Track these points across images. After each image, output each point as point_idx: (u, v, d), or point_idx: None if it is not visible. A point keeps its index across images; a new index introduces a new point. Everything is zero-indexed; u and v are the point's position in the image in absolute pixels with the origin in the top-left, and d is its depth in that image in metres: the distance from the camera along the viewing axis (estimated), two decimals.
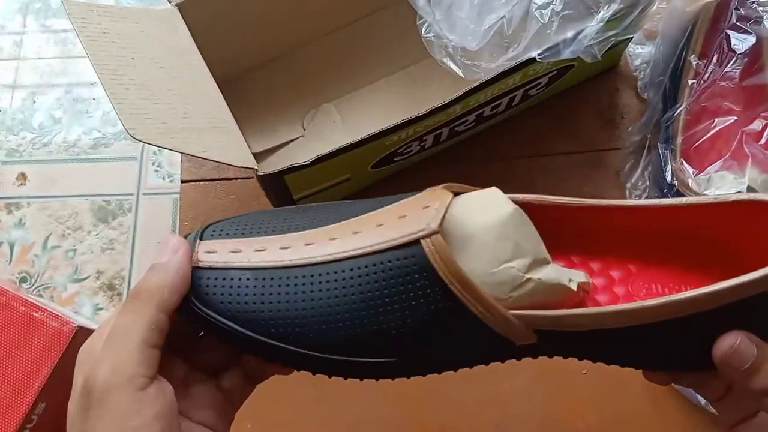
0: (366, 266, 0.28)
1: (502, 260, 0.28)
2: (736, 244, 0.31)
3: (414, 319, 0.28)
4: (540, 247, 0.29)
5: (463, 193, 0.31)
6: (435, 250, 0.27)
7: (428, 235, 0.27)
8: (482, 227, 0.29)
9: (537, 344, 0.29)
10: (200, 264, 0.30)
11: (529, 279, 0.28)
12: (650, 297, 0.31)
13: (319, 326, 0.28)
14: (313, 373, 0.30)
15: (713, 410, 0.45)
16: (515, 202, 0.30)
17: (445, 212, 0.28)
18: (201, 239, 0.31)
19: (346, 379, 0.31)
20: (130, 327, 0.28)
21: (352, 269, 0.28)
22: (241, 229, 0.31)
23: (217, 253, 0.30)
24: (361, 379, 0.30)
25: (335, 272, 0.29)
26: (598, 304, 0.32)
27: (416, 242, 0.27)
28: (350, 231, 0.30)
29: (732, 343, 0.27)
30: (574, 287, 0.29)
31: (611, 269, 0.33)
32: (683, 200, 0.31)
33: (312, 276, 0.29)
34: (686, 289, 0.31)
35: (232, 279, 0.29)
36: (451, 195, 0.30)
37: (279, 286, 0.29)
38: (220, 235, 0.31)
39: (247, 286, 0.29)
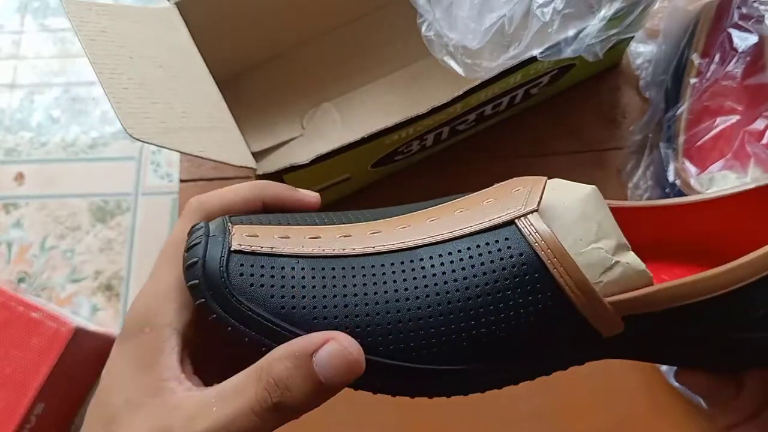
0: (450, 252, 0.25)
1: (588, 241, 0.26)
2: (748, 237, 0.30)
3: (509, 312, 0.24)
4: (619, 231, 0.27)
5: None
6: (534, 229, 0.25)
7: (524, 215, 0.25)
8: (564, 208, 0.26)
9: (624, 334, 0.26)
10: (241, 248, 0.24)
11: (617, 262, 0.26)
12: None
13: (397, 325, 0.24)
14: (393, 395, 0.25)
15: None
16: None
17: (542, 193, 0.26)
18: (232, 222, 0.25)
19: (430, 397, 0.25)
20: (162, 269, 0.26)
21: (431, 257, 0.25)
22: (278, 219, 0.26)
23: (260, 237, 0.24)
24: (446, 395, 0.26)
25: (412, 261, 0.25)
26: None
27: (510, 222, 0.25)
28: (425, 218, 0.26)
29: None
30: (649, 275, 0.27)
31: (663, 274, 0.32)
32: (689, 198, 0.30)
33: (385, 266, 0.24)
34: None
35: (283, 268, 0.24)
36: (545, 179, 0.27)
37: (344, 277, 0.24)
38: (255, 222, 0.26)
39: (303, 277, 0.24)
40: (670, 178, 0.48)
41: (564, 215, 0.26)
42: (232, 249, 0.24)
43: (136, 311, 0.25)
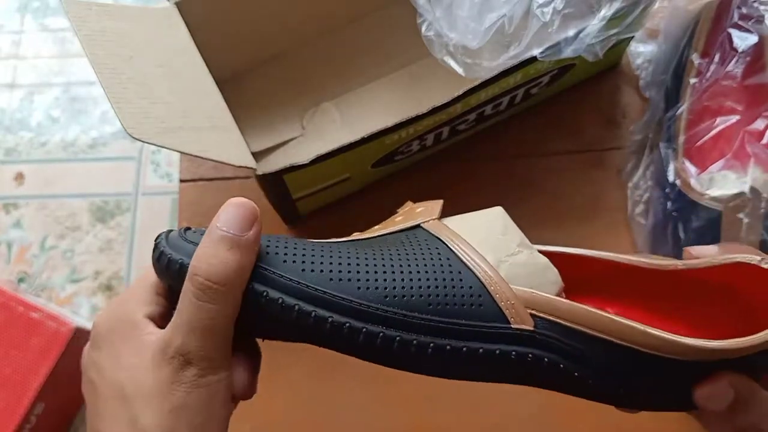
0: (383, 236, 0.32)
1: (495, 234, 0.31)
2: (728, 300, 0.32)
3: (422, 271, 0.29)
4: (524, 237, 0.31)
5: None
6: (432, 224, 0.32)
7: (426, 221, 0.32)
8: (472, 217, 0.32)
9: (533, 333, 0.28)
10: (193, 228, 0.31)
11: (520, 251, 0.30)
12: None
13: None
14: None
15: None
16: None
17: (440, 211, 0.33)
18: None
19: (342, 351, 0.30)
20: (136, 285, 0.29)
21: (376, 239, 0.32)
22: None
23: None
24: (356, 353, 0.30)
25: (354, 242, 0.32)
26: None
27: (417, 226, 0.32)
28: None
29: (710, 389, 0.28)
30: (559, 277, 0.30)
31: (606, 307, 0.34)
32: (674, 263, 0.32)
33: (374, 248, 0.31)
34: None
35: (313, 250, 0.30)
36: (441, 202, 0.34)
37: (348, 254, 0.30)
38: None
39: (322, 255, 0.30)
40: (670, 178, 0.47)
41: (473, 221, 0.32)
42: (186, 227, 0.31)
43: (109, 313, 0.29)
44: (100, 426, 0.27)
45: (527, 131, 0.55)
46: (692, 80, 0.49)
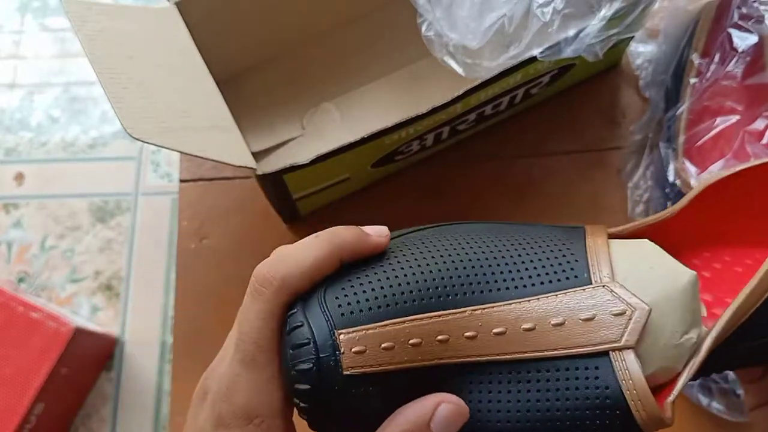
0: (549, 370, 0.25)
1: (682, 332, 0.25)
2: None
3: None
4: (700, 312, 0.27)
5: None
6: (626, 367, 0.25)
7: (620, 349, 0.25)
8: (662, 298, 0.26)
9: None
10: (352, 372, 0.24)
11: (690, 338, 0.26)
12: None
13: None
14: None
15: (715, 411, 0.45)
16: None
17: (642, 328, 0.25)
18: (334, 322, 0.24)
19: None
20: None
21: (530, 371, 0.25)
22: (374, 298, 0.25)
23: (368, 352, 0.24)
24: None
25: (519, 372, 0.25)
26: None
27: (605, 353, 0.25)
28: (520, 325, 0.26)
29: None
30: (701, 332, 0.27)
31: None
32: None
33: (492, 374, 0.25)
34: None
35: (392, 386, 0.25)
36: (648, 309, 0.25)
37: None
38: (353, 312, 0.25)
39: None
40: (670, 178, 0.48)
41: (662, 306, 0.26)
42: (344, 374, 0.24)
43: (238, 403, 0.25)
44: None
45: (527, 131, 0.55)
46: (692, 80, 0.49)
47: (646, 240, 0.28)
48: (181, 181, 0.55)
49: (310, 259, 0.25)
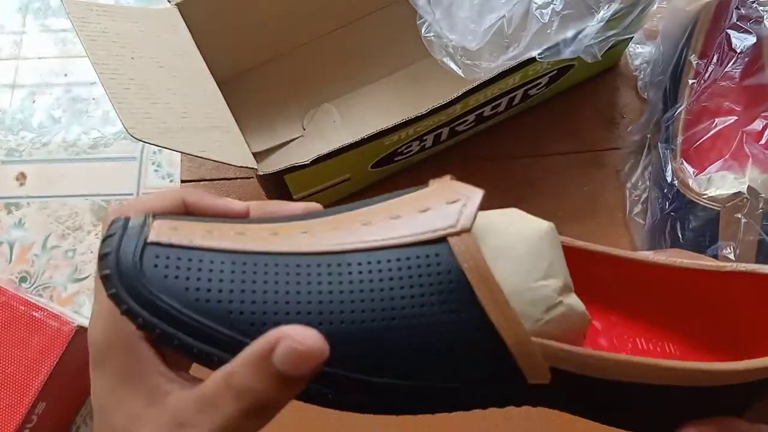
0: (379, 261, 0.24)
1: (536, 278, 0.25)
2: (730, 311, 0.30)
3: (424, 327, 0.24)
4: (568, 272, 0.26)
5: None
6: (465, 249, 0.24)
7: (457, 233, 0.24)
8: (517, 238, 0.26)
9: (548, 387, 0.26)
10: (159, 240, 0.23)
11: (561, 302, 0.25)
12: (636, 352, 0.30)
13: (316, 326, 0.23)
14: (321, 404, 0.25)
15: None
16: None
17: (477, 211, 0.25)
18: (154, 217, 0.24)
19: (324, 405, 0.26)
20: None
21: (360, 263, 0.24)
22: (209, 219, 0.26)
23: (180, 230, 0.24)
24: (337, 407, 0.26)
25: (339, 264, 0.24)
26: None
27: (443, 239, 0.24)
28: (358, 222, 0.25)
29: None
30: (588, 320, 0.27)
31: (594, 319, 0.31)
32: (678, 262, 0.29)
33: (310, 266, 0.24)
34: (671, 348, 0.30)
35: (201, 261, 0.23)
36: (481, 192, 0.26)
37: (266, 273, 0.24)
38: (178, 218, 0.25)
39: (222, 271, 0.23)
40: (669, 178, 0.48)
41: (516, 245, 0.26)
42: (148, 241, 0.23)
43: (98, 333, 0.25)
44: None
45: (526, 132, 0.55)
46: (691, 81, 0.49)
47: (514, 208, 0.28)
48: (183, 181, 0.56)
49: (153, 198, 0.26)
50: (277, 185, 0.46)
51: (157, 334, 0.23)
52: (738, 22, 0.48)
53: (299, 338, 0.22)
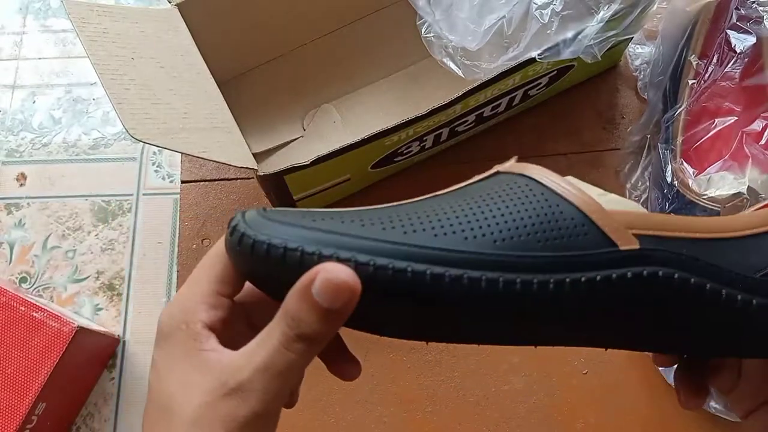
0: (456, 191, 0.32)
1: (576, 182, 0.30)
2: None
3: (517, 216, 0.29)
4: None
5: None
6: (513, 166, 0.31)
7: (507, 168, 0.32)
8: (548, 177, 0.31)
9: (642, 251, 0.28)
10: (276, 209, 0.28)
11: (605, 194, 0.30)
12: None
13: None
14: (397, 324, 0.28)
15: (714, 411, 0.45)
16: None
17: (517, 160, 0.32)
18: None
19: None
20: (200, 276, 0.28)
21: (448, 194, 0.31)
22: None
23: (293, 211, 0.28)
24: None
25: (428, 200, 0.31)
26: None
27: (497, 173, 0.32)
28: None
29: None
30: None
31: None
32: None
33: (414, 205, 0.31)
34: None
35: (315, 212, 0.28)
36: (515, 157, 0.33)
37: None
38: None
39: (332, 218, 0.27)
40: (669, 179, 0.48)
41: (550, 176, 0.31)
42: (267, 209, 0.27)
43: (171, 313, 0.28)
44: (144, 426, 0.27)
45: (526, 132, 0.55)
46: (690, 81, 0.49)
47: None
48: (183, 181, 0.56)
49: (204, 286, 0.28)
50: (277, 186, 0.46)
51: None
52: (738, 23, 0.48)
53: (334, 272, 0.24)
